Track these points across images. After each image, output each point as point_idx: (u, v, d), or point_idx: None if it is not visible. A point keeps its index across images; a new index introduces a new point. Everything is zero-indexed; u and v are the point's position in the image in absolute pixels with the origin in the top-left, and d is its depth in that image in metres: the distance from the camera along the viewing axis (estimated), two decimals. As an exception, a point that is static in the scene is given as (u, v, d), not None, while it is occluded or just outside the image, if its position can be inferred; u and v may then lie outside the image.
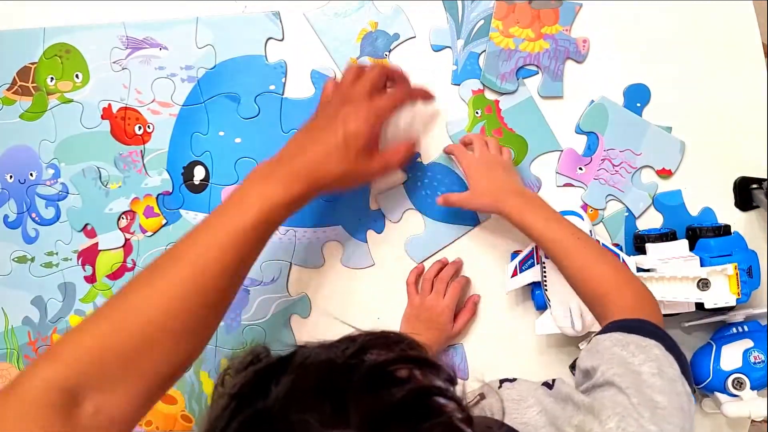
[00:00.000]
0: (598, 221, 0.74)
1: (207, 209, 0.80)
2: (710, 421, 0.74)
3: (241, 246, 0.55)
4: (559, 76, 0.74)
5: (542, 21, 0.73)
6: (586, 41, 0.74)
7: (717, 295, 0.57)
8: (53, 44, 0.81)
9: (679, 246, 0.67)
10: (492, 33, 0.74)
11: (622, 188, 0.74)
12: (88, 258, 0.82)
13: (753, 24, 0.72)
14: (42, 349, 0.84)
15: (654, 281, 0.64)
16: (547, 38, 0.74)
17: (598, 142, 0.74)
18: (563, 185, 0.75)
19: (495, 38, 0.74)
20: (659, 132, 0.73)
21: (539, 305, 0.72)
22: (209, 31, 0.79)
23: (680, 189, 0.73)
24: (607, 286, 0.60)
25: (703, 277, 0.56)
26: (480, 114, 0.75)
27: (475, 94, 0.75)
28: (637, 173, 0.74)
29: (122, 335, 0.48)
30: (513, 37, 0.74)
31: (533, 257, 0.71)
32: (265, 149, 0.78)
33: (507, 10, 0.74)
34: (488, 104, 0.75)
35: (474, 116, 0.75)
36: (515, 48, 0.74)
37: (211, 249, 0.54)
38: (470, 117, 0.75)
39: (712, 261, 0.65)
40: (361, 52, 0.77)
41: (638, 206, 0.74)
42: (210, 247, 0.54)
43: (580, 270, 0.62)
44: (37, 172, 0.83)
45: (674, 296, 0.59)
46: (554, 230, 0.64)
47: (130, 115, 0.81)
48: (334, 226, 0.78)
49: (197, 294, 0.52)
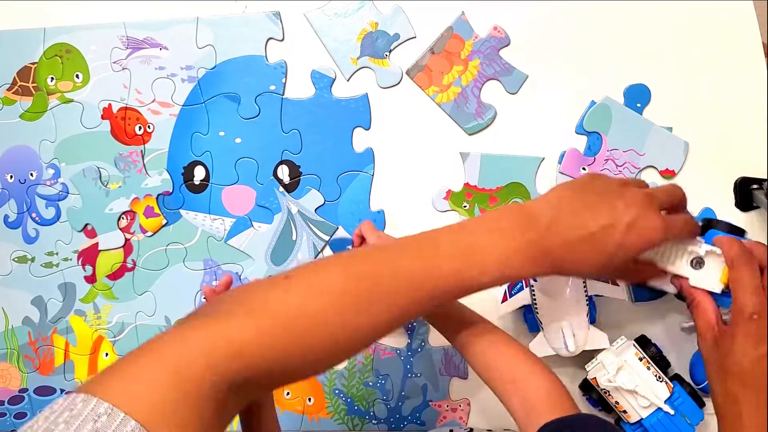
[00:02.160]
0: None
1: (207, 209, 0.80)
2: (710, 421, 0.74)
3: (447, 298, 0.46)
4: (508, 67, 0.75)
5: (455, 51, 0.76)
6: (495, 27, 0.75)
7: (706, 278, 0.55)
8: (53, 44, 0.81)
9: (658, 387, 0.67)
10: (436, 99, 0.76)
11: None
12: (88, 258, 0.82)
13: (753, 24, 0.72)
14: (42, 349, 0.84)
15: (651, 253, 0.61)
16: (472, 56, 0.75)
17: (600, 142, 0.74)
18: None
19: (442, 99, 0.76)
20: (662, 132, 0.73)
21: (532, 328, 0.73)
22: (209, 31, 0.79)
23: (681, 189, 0.73)
24: (515, 371, 0.57)
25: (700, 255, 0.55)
26: (468, 206, 0.76)
27: (450, 196, 0.76)
28: (640, 174, 0.74)
29: (299, 325, 0.40)
30: (451, 84, 0.76)
31: (521, 282, 0.71)
32: (265, 149, 0.78)
33: (426, 75, 0.76)
34: (465, 192, 0.76)
35: (465, 210, 0.76)
36: (460, 89, 0.76)
37: (426, 288, 0.45)
38: (463, 215, 0.75)
39: None
40: (361, 52, 0.77)
41: None
42: (421, 289, 0.45)
43: (492, 356, 0.59)
44: (37, 172, 0.83)
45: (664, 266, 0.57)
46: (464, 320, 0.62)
47: (130, 115, 0.81)
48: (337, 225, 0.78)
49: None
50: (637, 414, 0.67)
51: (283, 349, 0.39)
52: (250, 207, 0.79)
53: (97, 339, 0.83)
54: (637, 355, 0.68)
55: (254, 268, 0.79)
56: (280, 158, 0.78)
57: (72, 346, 0.83)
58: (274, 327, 0.39)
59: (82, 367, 0.83)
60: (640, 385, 0.67)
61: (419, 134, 0.77)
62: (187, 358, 0.35)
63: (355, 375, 0.79)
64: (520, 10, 0.75)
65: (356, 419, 0.79)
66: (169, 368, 0.34)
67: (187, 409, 0.33)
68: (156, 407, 0.32)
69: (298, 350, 0.40)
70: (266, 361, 0.38)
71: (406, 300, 0.44)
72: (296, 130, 0.78)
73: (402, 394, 0.79)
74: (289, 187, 0.79)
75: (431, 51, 0.76)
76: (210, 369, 0.35)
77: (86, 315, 0.83)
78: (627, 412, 0.68)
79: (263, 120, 0.78)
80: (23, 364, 0.84)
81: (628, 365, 0.67)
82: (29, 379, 0.84)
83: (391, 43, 0.77)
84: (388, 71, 0.77)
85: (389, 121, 0.77)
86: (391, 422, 0.79)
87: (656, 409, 0.67)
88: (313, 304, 0.41)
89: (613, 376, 0.67)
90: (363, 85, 0.77)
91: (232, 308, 0.40)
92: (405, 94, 0.77)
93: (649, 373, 0.68)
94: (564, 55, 0.75)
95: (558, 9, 0.74)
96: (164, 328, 0.81)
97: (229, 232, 0.80)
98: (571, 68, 0.75)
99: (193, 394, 0.34)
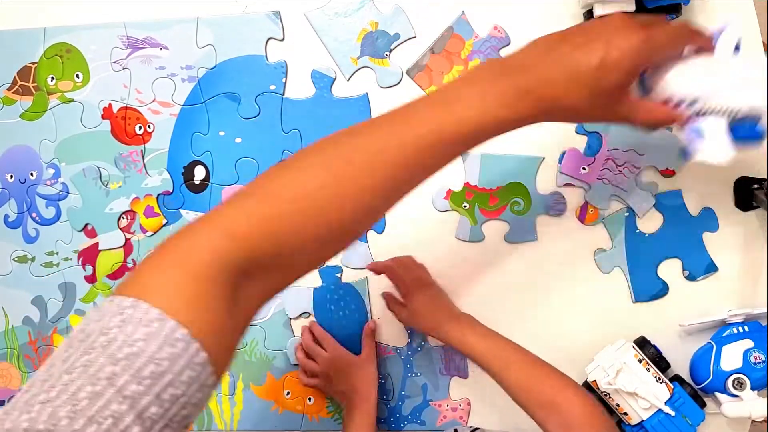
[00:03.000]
0: (598, 221, 0.74)
1: (207, 209, 0.80)
2: (710, 421, 0.74)
3: (433, 156, 0.45)
4: None
5: (455, 51, 0.75)
6: (496, 27, 0.75)
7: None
8: (54, 44, 0.81)
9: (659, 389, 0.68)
10: None
11: (626, 188, 0.74)
12: (89, 258, 0.82)
13: (753, 24, 0.72)
14: (42, 348, 0.84)
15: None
16: (472, 56, 0.75)
17: (600, 141, 0.74)
18: (563, 185, 0.75)
19: None
20: (663, 132, 0.73)
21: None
22: (210, 31, 0.79)
23: (680, 189, 0.73)
24: (552, 393, 0.61)
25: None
26: (468, 206, 0.76)
27: (450, 196, 0.76)
28: (640, 174, 0.74)
29: (294, 208, 0.41)
30: None
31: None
32: (265, 149, 0.78)
33: (426, 75, 0.76)
34: (465, 192, 0.76)
35: (465, 210, 0.76)
36: None
37: (408, 147, 0.44)
38: (463, 214, 0.76)
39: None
40: (362, 52, 0.77)
41: (642, 206, 0.73)
42: (404, 146, 0.44)
43: (526, 379, 0.63)
44: (37, 171, 0.83)
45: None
46: (496, 346, 0.67)
47: (130, 115, 0.81)
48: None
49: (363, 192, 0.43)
50: (637, 416, 0.67)
51: (283, 232, 0.41)
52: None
53: (98, 339, 0.83)
54: (637, 356, 0.68)
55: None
56: (281, 158, 0.78)
57: (72, 345, 0.83)
58: (273, 210, 0.41)
59: (82, 366, 0.83)
60: (639, 387, 0.67)
61: (419, 134, 0.77)
62: (193, 248, 0.38)
63: (355, 375, 0.79)
64: (520, 10, 0.75)
65: (356, 419, 0.80)
66: (180, 260, 0.37)
67: (201, 293, 0.36)
68: (171, 295, 0.35)
69: (298, 230, 0.41)
70: (269, 244, 0.40)
71: (394, 168, 0.44)
72: (296, 130, 0.78)
73: (402, 394, 0.79)
74: (289, 186, 0.79)
75: (431, 51, 0.76)
76: (215, 254, 0.38)
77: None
78: (628, 414, 0.68)
79: (263, 120, 0.78)
80: (23, 364, 0.84)
81: (628, 367, 0.67)
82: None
83: (391, 42, 0.77)
84: (389, 71, 0.77)
85: (389, 120, 0.77)
86: (391, 422, 0.79)
87: (657, 410, 0.67)
88: (311, 185, 0.42)
89: (612, 378, 0.67)
90: (363, 85, 0.77)
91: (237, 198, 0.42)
92: (405, 93, 0.77)
93: (648, 374, 0.68)
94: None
95: (558, 9, 0.74)
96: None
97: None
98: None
99: (203, 278, 0.36)
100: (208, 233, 0.39)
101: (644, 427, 0.68)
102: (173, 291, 0.36)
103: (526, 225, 0.76)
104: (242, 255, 0.38)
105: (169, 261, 0.38)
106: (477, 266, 0.77)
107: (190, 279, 0.36)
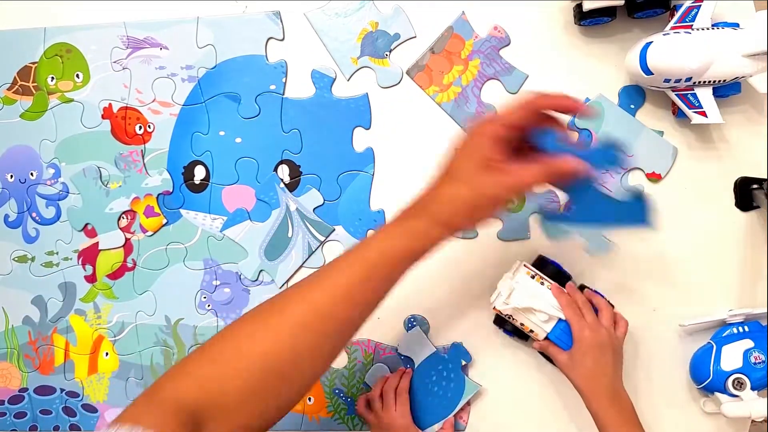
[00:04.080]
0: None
1: (207, 209, 0.80)
2: (710, 421, 0.74)
3: (379, 279, 0.55)
4: (508, 67, 0.75)
5: (455, 51, 0.75)
6: (496, 27, 0.75)
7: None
8: (54, 44, 0.81)
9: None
10: (436, 99, 0.75)
11: (611, 188, 0.74)
12: (89, 257, 0.82)
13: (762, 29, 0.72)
14: (42, 348, 0.84)
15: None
16: (472, 56, 0.75)
17: (590, 139, 0.74)
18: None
19: (442, 99, 0.76)
20: (653, 135, 0.73)
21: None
22: (210, 30, 0.79)
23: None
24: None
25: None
26: None
27: None
28: (626, 175, 0.74)
29: (245, 365, 0.49)
30: (451, 84, 0.76)
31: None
32: (265, 149, 0.78)
33: (426, 75, 0.76)
34: None
35: None
36: (461, 88, 0.75)
37: (355, 271, 0.54)
38: None
39: None
40: (362, 52, 0.77)
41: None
42: (354, 272, 0.53)
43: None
44: (37, 171, 0.83)
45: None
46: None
47: (130, 115, 0.81)
48: (334, 226, 0.78)
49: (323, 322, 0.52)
50: (542, 330, 0.68)
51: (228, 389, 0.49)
52: (250, 206, 0.79)
53: (98, 338, 0.83)
54: (529, 273, 0.69)
55: (246, 262, 0.79)
56: (281, 158, 0.78)
57: (72, 345, 0.83)
58: (236, 370, 0.49)
59: (82, 366, 0.83)
60: (534, 301, 0.67)
61: (419, 134, 0.77)
62: (164, 394, 0.48)
63: (355, 375, 0.79)
64: (520, 10, 0.75)
65: (356, 419, 0.80)
66: (155, 403, 0.48)
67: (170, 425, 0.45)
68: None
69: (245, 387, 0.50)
70: (224, 397, 0.48)
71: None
72: (296, 130, 0.78)
73: (402, 394, 0.78)
74: (289, 186, 0.79)
75: (431, 51, 0.76)
76: (178, 403, 0.47)
77: (86, 314, 0.83)
78: (534, 331, 0.69)
79: (263, 120, 0.78)
80: (23, 364, 0.84)
81: (519, 285, 0.68)
82: (29, 379, 0.84)
83: (391, 42, 0.77)
84: (389, 71, 0.77)
85: (389, 120, 0.77)
86: (391, 422, 0.79)
87: (557, 320, 0.68)
88: (269, 348, 0.50)
89: (506, 298, 0.68)
90: (363, 85, 0.77)
91: (200, 357, 0.51)
92: (405, 93, 0.77)
93: (543, 288, 0.69)
94: (564, 55, 0.75)
95: (558, 9, 0.74)
96: (164, 327, 0.81)
97: (225, 223, 0.79)
98: (571, 68, 0.74)
99: (171, 422, 0.45)
100: (179, 377, 0.50)
101: (549, 339, 0.68)
102: (151, 425, 0.44)
103: (519, 223, 0.76)
104: (200, 402, 0.47)
105: (152, 396, 0.48)
106: (470, 263, 0.77)
107: (164, 418, 0.46)
